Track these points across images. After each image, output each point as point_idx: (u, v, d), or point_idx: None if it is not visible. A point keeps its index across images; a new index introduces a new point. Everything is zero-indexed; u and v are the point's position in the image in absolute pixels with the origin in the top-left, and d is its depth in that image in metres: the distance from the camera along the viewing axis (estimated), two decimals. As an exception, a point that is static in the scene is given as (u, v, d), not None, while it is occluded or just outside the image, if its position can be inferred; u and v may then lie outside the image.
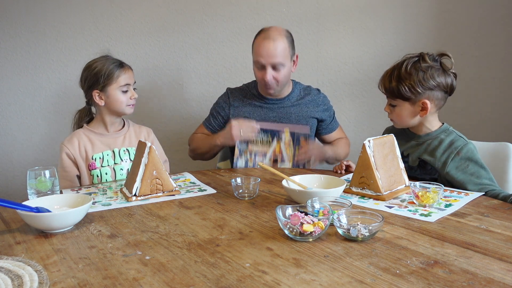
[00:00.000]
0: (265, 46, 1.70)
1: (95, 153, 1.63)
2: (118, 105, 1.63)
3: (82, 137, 1.64)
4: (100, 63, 1.63)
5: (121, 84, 1.62)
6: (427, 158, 1.41)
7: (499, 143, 1.52)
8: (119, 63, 1.64)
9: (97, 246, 0.96)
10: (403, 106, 1.39)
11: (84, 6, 2.37)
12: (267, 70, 1.71)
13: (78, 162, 1.61)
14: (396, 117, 1.43)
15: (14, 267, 0.83)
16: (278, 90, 1.79)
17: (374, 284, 0.75)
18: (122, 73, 1.62)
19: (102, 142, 1.66)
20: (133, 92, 1.66)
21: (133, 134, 1.74)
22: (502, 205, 1.17)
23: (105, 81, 1.60)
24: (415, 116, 1.40)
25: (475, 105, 2.31)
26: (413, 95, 1.35)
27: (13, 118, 2.44)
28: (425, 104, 1.36)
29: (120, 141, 1.69)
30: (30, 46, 2.38)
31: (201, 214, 1.16)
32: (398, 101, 1.39)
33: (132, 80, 1.66)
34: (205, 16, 2.41)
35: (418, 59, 1.37)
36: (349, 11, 2.37)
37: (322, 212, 1.00)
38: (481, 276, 0.77)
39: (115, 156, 1.66)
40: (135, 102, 1.68)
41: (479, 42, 2.27)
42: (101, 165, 1.63)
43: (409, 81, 1.34)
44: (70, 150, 1.61)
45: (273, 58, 1.69)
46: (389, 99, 1.43)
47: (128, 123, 1.77)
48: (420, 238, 0.95)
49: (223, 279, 0.78)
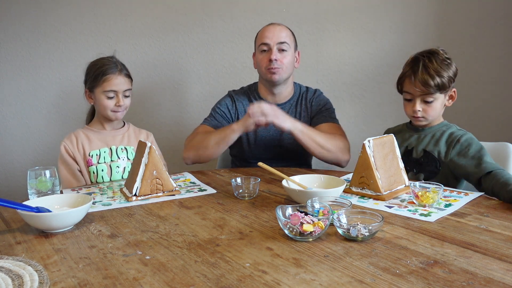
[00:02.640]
0: (270, 29, 1.76)
1: (92, 149, 1.65)
2: (102, 109, 1.64)
3: (80, 135, 1.67)
4: (96, 63, 1.64)
5: (106, 90, 1.60)
6: (431, 148, 1.46)
7: (499, 143, 1.53)
8: (112, 67, 1.60)
9: (97, 246, 0.96)
10: (439, 99, 1.44)
11: (85, 6, 2.37)
12: (273, 50, 1.72)
13: (76, 158, 1.64)
14: (432, 111, 1.44)
15: (14, 267, 0.83)
16: (282, 77, 1.75)
17: (374, 284, 0.75)
18: (110, 79, 1.59)
19: (99, 139, 1.67)
20: (119, 99, 1.61)
21: (133, 134, 1.74)
22: (502, 205, 1.17)
23: (93, 82, 1.61)
24: (442, 107, 1.47)
25: (475, 105, 2.31)
26: (449, 83, 1.42)
27: (13, 118, 2.44)
28: (455, 93, 1.47)
29: (118, 139, 1.70)
30: (31, 46, 2.38)
31: (201, 214, 1.16)
32: (436, 95, 1.42)
33: (121, 87, 1.61)
34: (205, 16, 2.41)
35: (435, 54, 1.43)
36: (349, 11, 2.37)
37: (322, 212, 1.00)
38: (480, 276, 0.77)
39: (112, 153, 1.66)
40: (123, 110, 1.64)
41: (479, 42, 2.27)
42: (97, 161, 1.64)
43: (447, 73, 1.41)
44: (69, 146, 1.64)
45: (279, 38, 1.73)
46: (423, 96, 1.43)
47: (128, 124, 1.77)
48: (420, 238, 0.95)
49: (223, 279, 0.78)
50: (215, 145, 1.65)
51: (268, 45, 1.74)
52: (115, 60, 1.66)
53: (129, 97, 1.67)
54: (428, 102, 1.43)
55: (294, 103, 1.84)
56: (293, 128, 1.58)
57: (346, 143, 1.71)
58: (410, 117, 1.52)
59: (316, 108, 1.82)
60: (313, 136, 1.61)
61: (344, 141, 1.69)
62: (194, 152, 1.70)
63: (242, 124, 1.61)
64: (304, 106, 1.84)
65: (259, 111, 1.55)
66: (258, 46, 1.78)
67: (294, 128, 1.59)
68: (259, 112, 1.55)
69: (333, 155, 1.64)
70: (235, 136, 1.63)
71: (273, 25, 1.78)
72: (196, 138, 1.72)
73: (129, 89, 1.66)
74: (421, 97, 1.44)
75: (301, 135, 1.60)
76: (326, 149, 1.62)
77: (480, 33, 2.26)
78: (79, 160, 1.64)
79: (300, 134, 1.60)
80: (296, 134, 1.60)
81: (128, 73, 1.67)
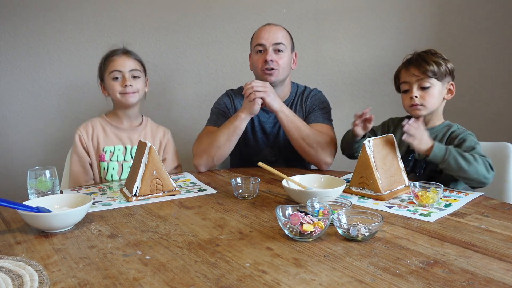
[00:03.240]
0: (266, 30, 1.75)
1: (106, 145, 1.62)
2: (112, 94, 1.61)
3: (97, 126, 1.64)
4: (106, 53, 1.63)
5: (110, 71, 1.58)
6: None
7: (499, 143, 1.53)
8: (117, 51, 1.60)
9: (97, 246, 0.96)
10: (436, 86, 1.43)
11: (84, 6, 2.37)
12: (269, 51, 1.71)
13: (89, 150, 1.61)
14: (430, 98, 1.43)
15: (14, 267, 0.83)
16: (278, 79, 1.73)
17: (374, 284, 0.75)
18: (114, 60, 1.58)
19: (116, 136, 1.64)
20: (125, 79, 1.57)
21: (149, 133, 1.70)
22: (502, 205, 1.17)
23: (101, 71, 1.61)
24: (442, 98, 1.46)
25: (475, 105, 2.31)
26: (445, 73, 1.43)
27: (13, 118, 2.44)
28: (453, 86, 1.46)
29: (135, 138, 1.66)
30: (30, 46, 2.38)
31: (201, 214, 1.16)
32: (432, 80, 1.42)
33: (126, 67, 1.59)
34: (205, 16, 2.41)
35: (431, 50, 1.47)
36: (349, 11, 2.37)
37: (322, 212, 1.00)
38: (480, 275, 0.77)
39: (126, 153, 1.64)
40: (134, 92, 1.59)
41: (479, 43, 2.27)
42: (110, 158, 1.61)
43: (443, 63, 1.43)
44: (83, 135, 1.61)
45: (274, 39, 1.71)
46: (420, 82, 1.43)
47: (146, 120, 1.74)
48: (420, 238, 0.95)
49: (223, 279, 0.78)
50: (227, 141, 1.62)
51: (264, 46, 1.71)
52: (123, 47, 1.66)
53: (140, 80, 1.62)
54: (425, 88, 1.42)
55: (290, 103, 1.82)
56: (279, 110, 1.60)
57: (332, 146, 1.64)
58: (408, 109, 1.48)
59: (310, 107, 1.80)
60: (297, 124, 1.61)
61: (329, 143, 1.63)
62: (206, 155, 1.65)
63: (247, 109, 1.62)
64: (299, 106, 1.82)
65: (250, 87, 1.58)
66: (254, 47, 1.76)
67: (280, 110, 1.61)
68: (251, 88, 1.58)
69: (313, 152, 1.61)
70: (245, 124, 1.63)
71: (269, 26, 1.76)
72: (204, 142, 1.67)
73: (137, 69, 1.62)
74: (417, 83, 1.43)
75: (285, 118, 1.61)
76: (307, 143, 1.60)
77: (480, 33, 2.26)
78: (92, 153, 1.61)
79: (284, 117, 1.61)
80: (281, 116, 1.61)
81: (137, 57, 1.65)
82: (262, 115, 1.81)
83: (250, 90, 1.59)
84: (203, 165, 1.67)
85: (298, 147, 1.63)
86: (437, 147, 1.30)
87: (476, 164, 1.26)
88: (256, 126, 1.82)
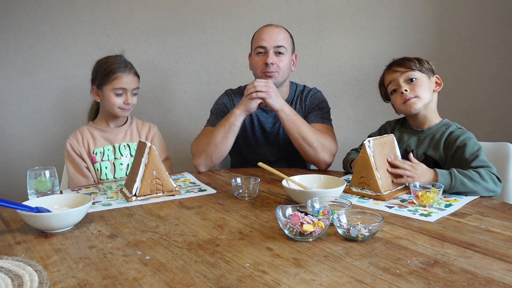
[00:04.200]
0: (267, 31, 1.74)
1: (96, 147, 1.67)
2: (110, 106, 1.65)
3: (86, 132, 1.70)
4: (106, 61, 1.65)
5: (115, 87, 1.61)
6: (431, 153, 1.43)
7: (499, 143, 1.52)
8: (122, 66, 1.63)
9: (97, 246, 0.96)
10: (422, 77, 1.43)
11: (84, 6, 2.37)
12: (269, 53, 1.70)
13: (83, 156, 1.66)
14: (419, 88, 1.41)
15: (14, 267, 0.83)
16: (278, 81, 1.73)
17: (374, 284, 0.75)
18: (120, 77, 1.61)
19: (103, 138, 1.70)
20: (128, 98, 1.64)
21: (135, 130, 1.76)
22: (502, 205, 1.17)
23: (102, 80, 1.63)
24: (431, 91, 1.45)
25: (475, 105, 2.31)
26: (428, 69, 1.45)
27: (13, 118, 2.44)
28: (438, 78, 1.46)
29: (121, 136, 1.72)
30: (30, 46, 2.38)
31: (201, 214, 1.16)
32: (416, 73, 1.43)
33: (131, 85, 1.64)
34: (205, 16, 2.41)
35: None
36: (349, 11, 2.37)
37: (322, 212, 1.00)
38: (481, 276, 0.77)
39: (115, 151, 1.69)
40: (130, 108, 1.67)
41: (478, 43, 2.27)
42: (101, 159, 1.66)
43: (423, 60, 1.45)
44: (74, 143, 1.66)
45: (276, 41, 1.71)
46: (406, 76, 1.43)
47: (131, 119, 1.78)
48: (420, 238, 0.95)
49: (223, 279, 0.78)
50: (223, 138, 1.62)
51: (265, 48, 1.71)
52: (124, 59, 1.68)
53: (137, 95, 1.69)
54: (412, 80, 1.42)
55: (289, 103, 1.81)
56: (280, 109, 1.59)
57: (332, 146, 1.64)
58: (403, 108, 1.45)
59: (309, 106, 1.80)
60: (298, 124, 1.60)
61: (330, 143, 1.63)
62: (204, 154, 1.65)
63: (243, 105, 1.61)
64: (299, 106, 1.82)
65: (252, 87, 1.58)
66: (255, 48, 1.76)
67: (281, 109, 1.59)
68: (253, 88, 1.58)
69: (313, 152, 1.60)
70: (240, 121, 1.62)
71: (270, 27, 1.75)
72: (202, 141, 1.68)
73: (137, 87, 1.68)
74: (403, 77, 1.43)
75: (285, 118, 1.60)
76: (308, 143, 1.59)
77: (480, 33, 2.26)
78: (85, 157, 1.66)
79: (284, 117, 1.60)
80: (281, 116, 1.60)
81: (136, 72, 1.69)
82: (261, 115, 1.82)
83: (252, 89, 1.58)
84: (203, 164, 1.67)
85: (298, 146, 1.63)
86: (441, 176, 1.27)
87: (484, 182, 1.24)
88: (256, 125, 1.82)
